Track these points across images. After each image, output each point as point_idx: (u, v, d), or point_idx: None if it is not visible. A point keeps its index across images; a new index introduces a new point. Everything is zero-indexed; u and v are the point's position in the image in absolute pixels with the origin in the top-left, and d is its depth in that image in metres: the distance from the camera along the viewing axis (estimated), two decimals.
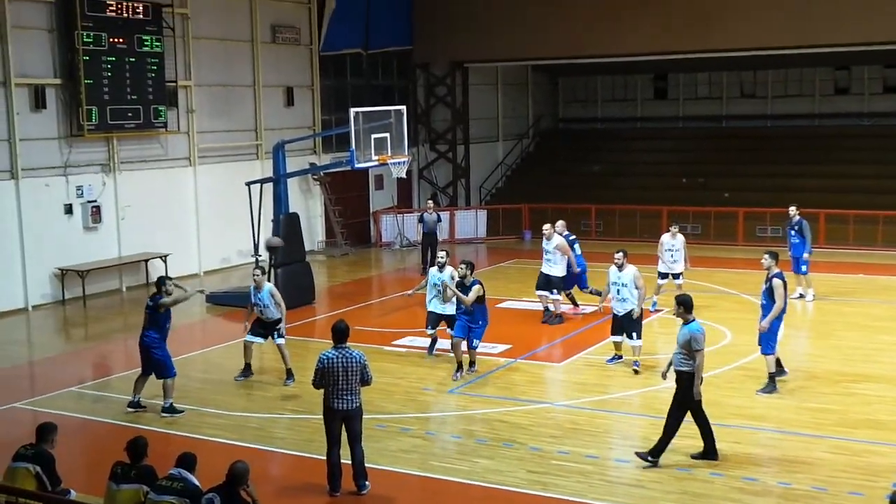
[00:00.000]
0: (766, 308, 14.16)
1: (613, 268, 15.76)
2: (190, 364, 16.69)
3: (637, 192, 31.72)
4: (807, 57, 31.22)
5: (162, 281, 14.09)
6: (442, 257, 16.76)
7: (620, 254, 15.77)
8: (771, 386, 14.15)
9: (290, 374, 15.10)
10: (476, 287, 15.11)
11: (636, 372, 15.18)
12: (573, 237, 19.75)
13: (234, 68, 26.52)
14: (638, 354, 15.44)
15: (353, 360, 10.63)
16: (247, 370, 15.53)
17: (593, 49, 30.02)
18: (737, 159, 33.31)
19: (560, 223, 19.56)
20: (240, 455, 10.43)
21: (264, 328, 15.47)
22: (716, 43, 28.19)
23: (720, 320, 18.35)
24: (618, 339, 15.79)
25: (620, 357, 15.81)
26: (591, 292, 19.60)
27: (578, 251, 19.57)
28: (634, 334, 15.48)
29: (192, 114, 25.09)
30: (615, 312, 15.75)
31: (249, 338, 15.45)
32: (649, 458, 11.35)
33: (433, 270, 16.87)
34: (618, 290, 15.63)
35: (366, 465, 10.88)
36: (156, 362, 13.79)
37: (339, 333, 10.80)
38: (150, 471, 8.93)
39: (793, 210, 20.61)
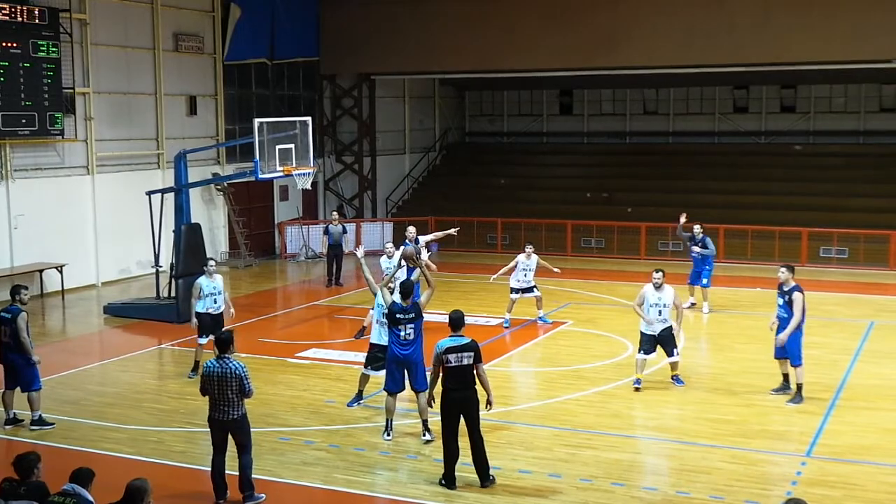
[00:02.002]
0: (785, 321, 14.37)
1: (650, 287, 15.27)
2: (87, 377, 16.27)
3: (542, 206, 32.04)
4: (707, 76, 32.02)
5: (16, 289, 13.52)
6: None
7: (660, 273, 15.34)
8: (798, 397, 14.30)
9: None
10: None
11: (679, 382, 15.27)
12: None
13: (135, 76, 25.99)
14: (677, 369, 15.40)
15: (230, 371, 10.47)
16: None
17: (500, 64, 30.30)
18: (639, 175, 33.90)
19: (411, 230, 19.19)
20: (137, 470, 10.21)
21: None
22: (620, 61, 28.68)
23: (622, 333, 18.58)
24: (644, 357, 15.33)
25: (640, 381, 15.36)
26: None
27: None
28: (675, 351, 15.36)
29: (91, 121, 24.49)
30: (651, 332, 15.24)
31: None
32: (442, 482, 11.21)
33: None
34: (659, 312, 15.15)
35: (252, 475, 10.72)
36: (22, 376, 13.30)
37: (221, 343, 10.69)
38: (40, 487, 8.60)
39: (697, 228, 21.05)
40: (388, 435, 12.79)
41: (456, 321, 11.39)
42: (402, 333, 12.53)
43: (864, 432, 13.10)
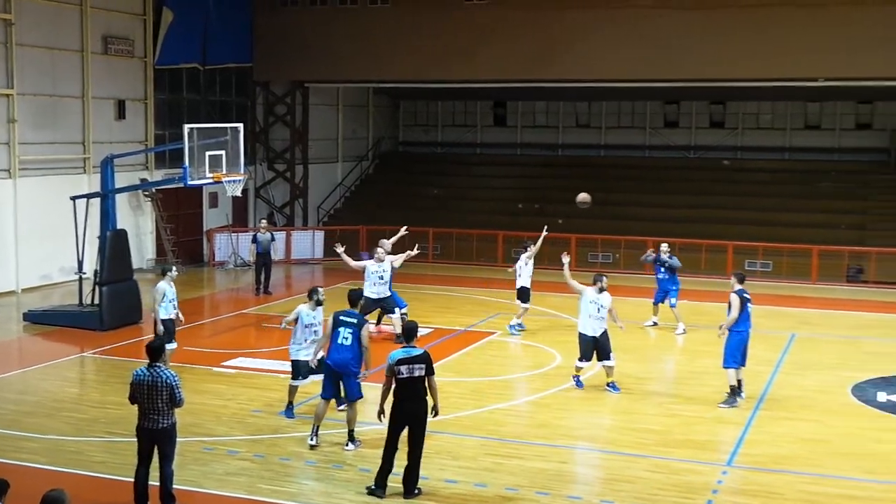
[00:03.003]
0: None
1: (592, 290, 15.66)
2: (5, 385, 15.91)
3: (475, 216, 32.13)
4: (638, 90, 32.47)
5: None
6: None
7: (605, 279, 15.80)
8: (731, 399, 14.77)
9: None
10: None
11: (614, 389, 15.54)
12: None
13: (62, 78, 25.51)
14: (612, 375, 15.69)
15: (161, 379, 10.32)
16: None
17: (435, 74, 30.39)
18: (571, 187, 33.96)
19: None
20: (55, 481, 9.97)
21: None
22: (554, 74, 28.97)
23: (551, 343, 18.72)
24: (584, 364, 15.72)
25: (579, 378, 15.88)
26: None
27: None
28: (612, 355, 15.67)
29: (14, 124, 23.96)
30: (591, 334, 15.59)
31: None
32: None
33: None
34: (598, 309, 15.58)
35: (173, 487, 10.58)
36: None
37: (152, 352, 10.53)
38: None
39: (664, 247, 21.00)
40: (313, 440, 12.71)
41: (409, 332, 11.43)
42: (340, 337, 12.49)
43: (784, 442, 13.35)
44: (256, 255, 24.37)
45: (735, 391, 14.93)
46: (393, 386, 11.12)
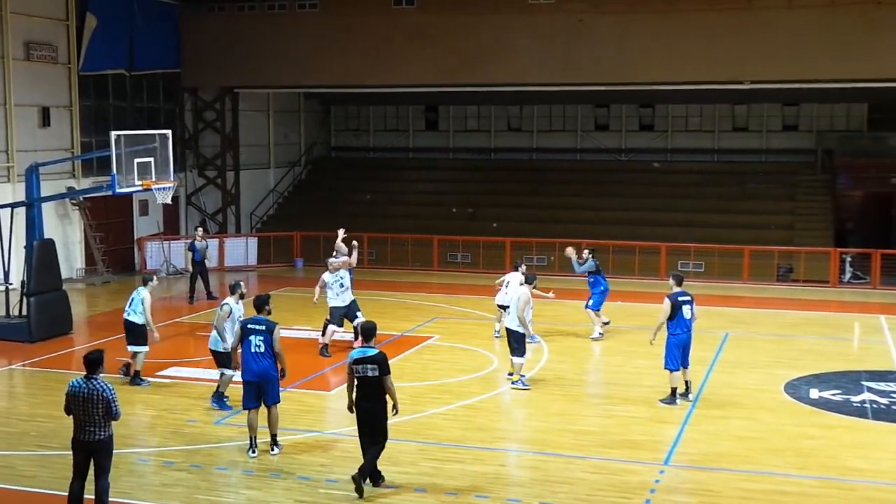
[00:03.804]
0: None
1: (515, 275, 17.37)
2: None
3: (409, 220, 32.11)
4: (569, 94, 32.74)
5: None
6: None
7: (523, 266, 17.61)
8: (671, 399, 15.02)
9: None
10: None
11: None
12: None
13: None
14: (519, 373, 15.97)
15: (97, 391, 10.11)
16: None
17: (365, 79, 30.31)
18: (504, 190, 34.38)
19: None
20: None
21: None
22: (483, 78, 29.11)
23: (488, 347, 18.75)
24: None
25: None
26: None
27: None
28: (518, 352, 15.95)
29: None
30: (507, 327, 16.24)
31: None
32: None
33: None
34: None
35: (109, 499, 10.38)
36: None
37: (90, 364, 10.30)
38: None
39: (586, 253, 20.73)
40: (254, 452, 12.59)
41: (367, 332, 11.67)
42: (253, 346, 12.40)
43: (719, 440, 13.53)
44: (193, 262, 24.07)
45: (675, 392, 15.07)
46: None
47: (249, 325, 12.53)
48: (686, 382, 15.27)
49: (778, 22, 26.38)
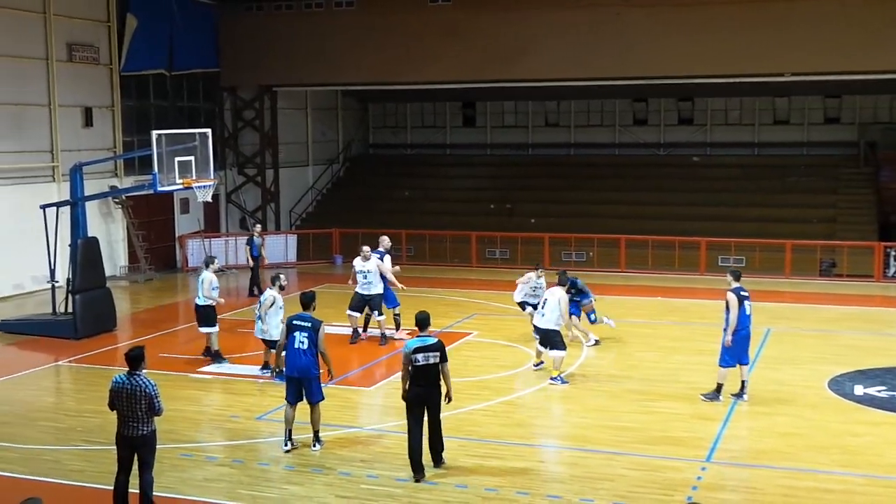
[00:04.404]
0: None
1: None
2: None
3: (447, 217, 32.14)
4: (606, 89, 32.58)
5: None
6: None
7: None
8: (714, 394, 14.89)
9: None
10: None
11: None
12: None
13: (28, 87, 25.29)
14: (559, 367, 16.11)
15: (140, 388, 10.25)
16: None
17: (402, 76, 30.37)
18: (542, 186, 34.30)
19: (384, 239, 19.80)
20: (32, 490, 9.91)
21: None
22: (520, 73, 29.04)
23: (527, 343, 18.71)
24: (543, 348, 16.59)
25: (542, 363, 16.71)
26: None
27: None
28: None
29: None
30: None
31: None
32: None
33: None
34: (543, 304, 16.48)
35: (153, 494, 10.51)
36: None
37: (132, 360, 10.45)
38: None
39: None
40: (286, 445, 12.72)
41: (422, 322, 11.95)
42: (296, 342, 12.51)
43: (762, 437, 13.44)
44: (252, 257, 24.34)
45: (720, 389, 14.88)
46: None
47: (295, 322, 12.63)
48: (742, 382, 15.02)
49: (819, 12, 26.06)
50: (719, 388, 14.95)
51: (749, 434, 13.57)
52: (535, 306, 18.38)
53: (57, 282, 20.91)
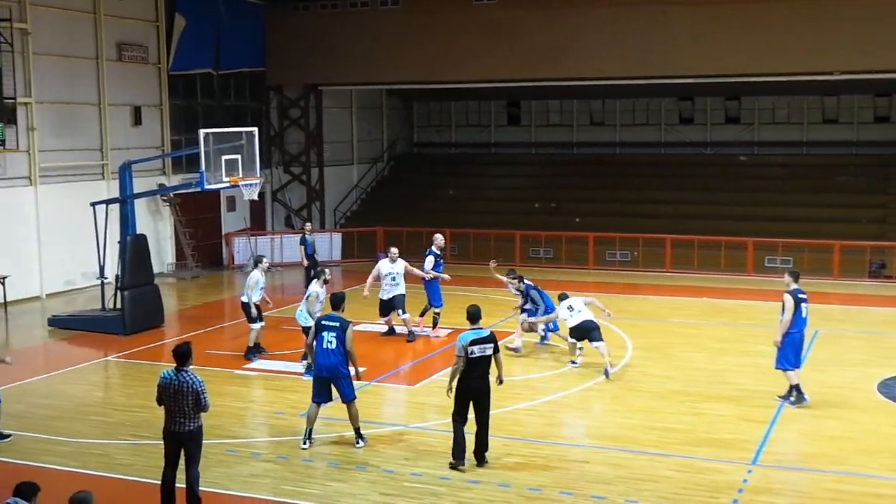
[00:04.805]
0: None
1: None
2: (31, 390, 16.03)
3: (491, 216, 32.12)
4: (652, 87, 32.36)
5: None
6: (395, 252, 19.06)
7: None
8: (790, 397, 14.71)
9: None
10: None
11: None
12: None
13: (78, 86, 25.66)
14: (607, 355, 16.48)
15: (187, 384, 10.38)
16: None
17: (446, 75, 30.39)
18: (587, 185, 34.18)
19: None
20: (83, 483, 10.05)
21: None
22: (565, 72, 28.91)
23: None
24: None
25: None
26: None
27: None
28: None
29: (33, 132, 24.11)
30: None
31: None
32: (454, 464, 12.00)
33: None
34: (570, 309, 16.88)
35: (199, 489, 10.64)
36: None
37: (179, 356, 10.59)
38: None
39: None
40: (305, 444, 12.83)
41: (474, 315, 12.27)
42: (325, 342, 12.61)
43: (810, 440, 13.30)
44: (306, 255, 24.51)
45: (799, 389, 14.67)
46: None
47: (323, 322, 12.76)
48: (790, 386, 14.84)
49: (867, 10, 25.67)
50: (796, 388, 14.66)
51: (796, 437, 13.42)
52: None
53: (106, 278, 21.21)
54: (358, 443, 12.86)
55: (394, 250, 19.40)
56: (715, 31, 26.94)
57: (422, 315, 19.77)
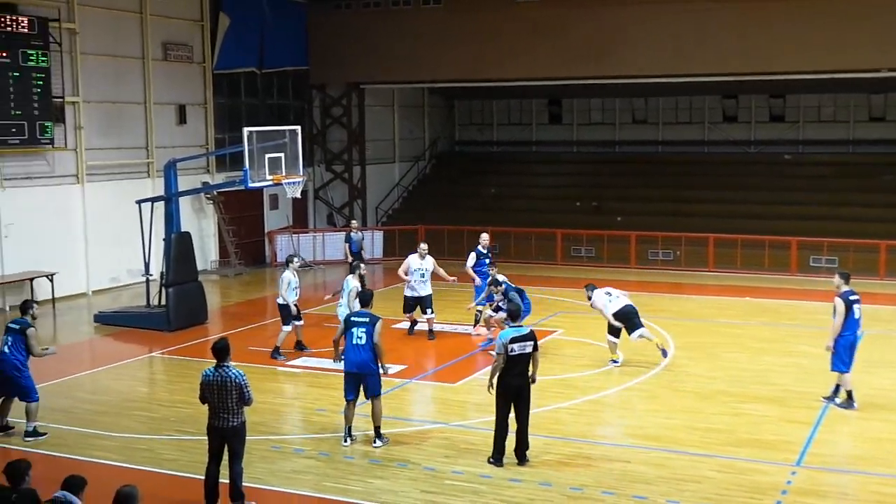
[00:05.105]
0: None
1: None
2: (78, 385, 16.29)
3: (532, 214, 32.06)
4: (695, 85, 32.12)
5: (29, 304, 13.72)
6: (424, 248, 19.18)
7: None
8: (838, 398, 14.61)
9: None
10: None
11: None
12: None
13: (125, 85, 25.98)
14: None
15: (230, 379, 10.50)
16: None
17: (488, 73, 30.38)
18: (629, 184, 34.00)
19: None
20: (128, 478, 10.20)
21: None
22: (607, 70, 28.78)
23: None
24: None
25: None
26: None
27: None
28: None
29: (81, 130, 24.46)
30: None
31: None
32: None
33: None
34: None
35: (242, 484, 10.76)
36: (19, 387, 13.29)
37: (218, 352, 10.72)
38: (31, 494, 8.60)
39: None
40: (347, 442, 12.89)
41: (514, 313, 12.56)
42: (354, 338, 12.69)
43: (856, 441, 13.16)
44: (351, 253, 24.66)
45: (851, 395, 14.52)
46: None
47: (353, 318, 12.86)
48: (836, 387, 14.70)
49: None
50: (849, 395, 14.53)
51: (842, 438, 13.29)
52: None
53: (151, 275, 21.45)
54: (375, 442, 12.82)
55: (423, 246, 19.55)
56: (760, 29, 26.66)
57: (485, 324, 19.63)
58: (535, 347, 12.15)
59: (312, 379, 16.45)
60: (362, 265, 17.48)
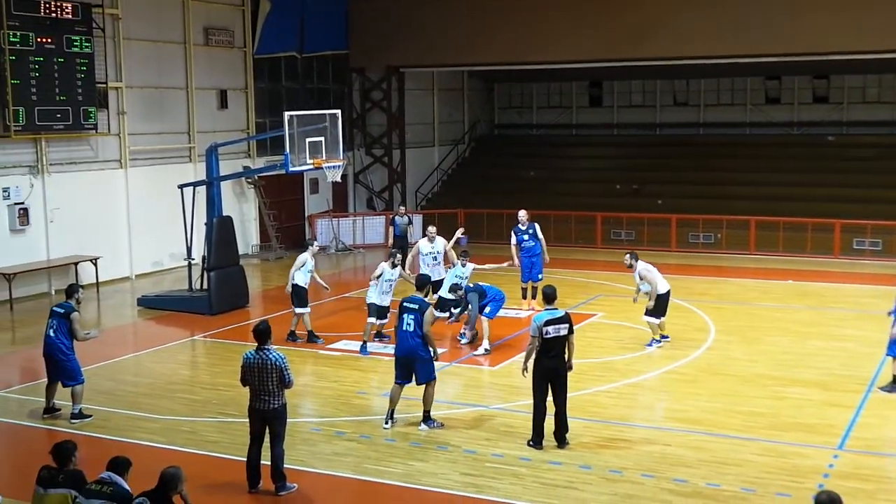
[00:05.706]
0: None
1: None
2: (121, 368, 16.49)
3: (572, 198, 31.95)
4: (738, 66, 31.73)
5: (74, 289, 13.88)
6: (433, 231, 19.22)
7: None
8: (891, 386, 14.42)
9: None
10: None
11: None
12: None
13: (167, 70, 26.18)
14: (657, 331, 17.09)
15: (270, 362, 10.60)
16: None
17: (528, 56, 30.21)
18: (670, 166, 33.75)
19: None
20: (171, 459, 10.33)
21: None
22: (648, 52, 28.52)
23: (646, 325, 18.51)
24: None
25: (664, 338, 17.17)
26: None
27: None
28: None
29: (124, 115, 24.71)
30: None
31: None
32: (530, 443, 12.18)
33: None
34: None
35: (284, 466, 10.86)
36: (65, 370, 13.49)
37: (259, 335, 10.81)
38: (77, 475, 8.75)
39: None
40: (388, 424, 12.97)
41: (550, 295, 12.35)
42: (404, 324, 12.77)
43: None
44: (394, 237, 24.73)
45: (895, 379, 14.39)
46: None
47: (405, 304, 12.91)
48: (894, 376, 14.50)
49: None
50: (895, 378, 14.38)
51: (884, 422, 13.15)
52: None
53: (193, 259, 21.65)
54: (421, 426, 12.87)
55: (431, 229, 19.60)
56: (805, 8, 26.17)
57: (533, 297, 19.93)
58: (571, 331, 12.11)
59: (352, 362, 16.55)
60: (399, 255, 17.50)
